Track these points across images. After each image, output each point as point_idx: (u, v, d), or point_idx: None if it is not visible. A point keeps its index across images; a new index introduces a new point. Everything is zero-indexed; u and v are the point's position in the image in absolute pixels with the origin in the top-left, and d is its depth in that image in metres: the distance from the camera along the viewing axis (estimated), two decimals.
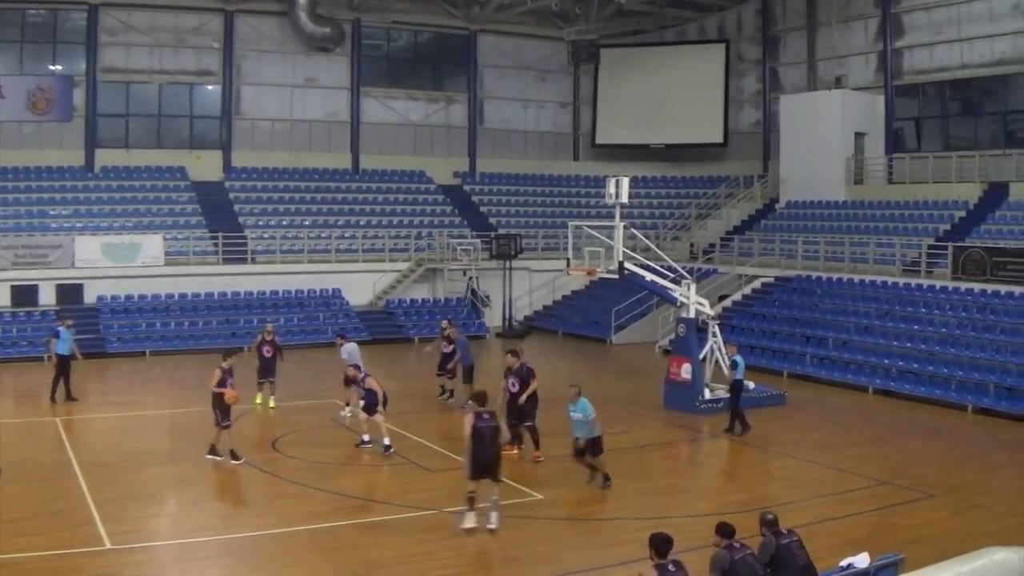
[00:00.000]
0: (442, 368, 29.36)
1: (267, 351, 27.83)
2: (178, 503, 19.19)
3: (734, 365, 25.75)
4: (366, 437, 23.20)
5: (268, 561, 15.94)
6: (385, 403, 22.82)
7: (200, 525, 17.63)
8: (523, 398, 22.16)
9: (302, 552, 16.22)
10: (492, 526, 16.98)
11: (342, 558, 15.97)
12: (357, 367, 24.19)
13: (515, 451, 22.39)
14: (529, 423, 22.17)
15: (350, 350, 27.62)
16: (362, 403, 23.15)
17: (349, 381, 25.73)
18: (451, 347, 28.92)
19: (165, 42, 47.62)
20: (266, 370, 27.70)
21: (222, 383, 21.53)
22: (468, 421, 16.97)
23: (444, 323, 30.42)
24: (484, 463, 16.93)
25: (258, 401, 27.92)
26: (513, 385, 22.52)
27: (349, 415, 26.68)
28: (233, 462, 21.45)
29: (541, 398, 22.80)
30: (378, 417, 22.64)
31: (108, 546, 16.24)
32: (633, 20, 54.16)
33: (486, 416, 17.10)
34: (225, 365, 22.03)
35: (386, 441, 22.61)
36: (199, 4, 47.84)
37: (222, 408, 21.45)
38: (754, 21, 52.96)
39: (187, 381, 33.34)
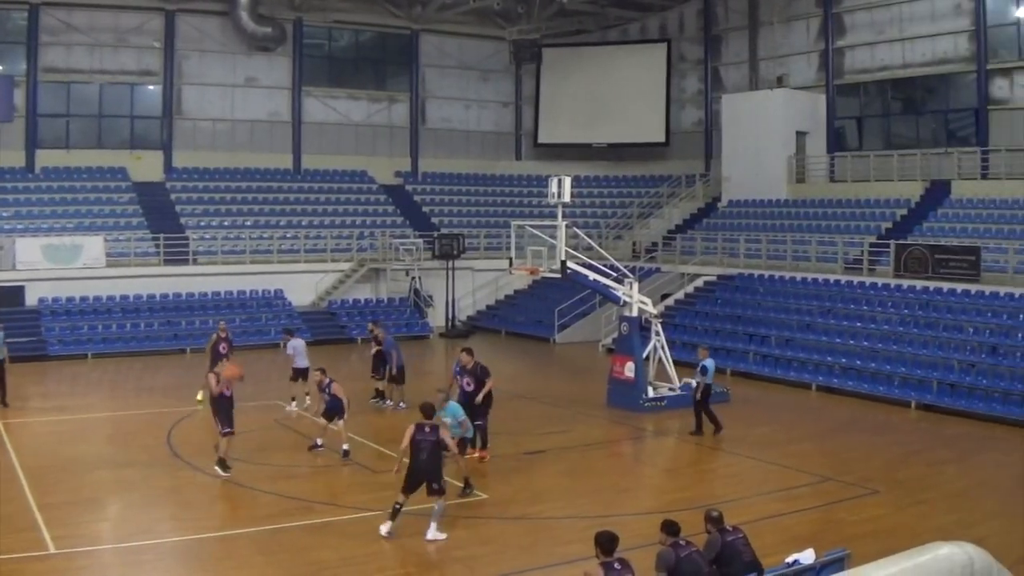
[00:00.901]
0: (376, 370, 29.13)
1: (223, 348, 27.73)
2: (122, 507, 18.95)
3: (703, 370, 25.41)
4: (319, 441, 23.04)
5: (212, 564, 15.84)
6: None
7: (145, 528, 17.43)
8: (480, 397, 22.11)
9: (247, 554, 16.11)
10: (428, 538, 16.64)
11: (287, 560, 15.86)
12: (323, 371, 23.77)
13: (476, 453, 22.24)
14: (480, 422, 22.05)
15: (295, 346, 27.89)
16: (323, 408, 22.97)
17: (297, 377, 25.74)
18: (378, 348, 28.80)
19: (106, 42, 47.15)
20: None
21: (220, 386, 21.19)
22: (408, 432, 16.77)
23: (370, 325, 30.14)
24: (419, 477, 16.71)
25: (199, 398, 27.56)
26: (468, 384, 22.42)
27: (295, 411, 26.67)
28: (223, 473, 20.88)
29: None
30: (339, 423, 22.52)
31: (52, 551, 16.04)
32: (575, 20, 54.38)
33: (427, 429, 16.83)
34: (220, 371, 21.88)
35: (345, 447, 22.40)
36: (140, 4, 47.35)
37: (225, 414, 21.07)
38: (696, 21, 53.29)
39: (129, 384, 33.13)
